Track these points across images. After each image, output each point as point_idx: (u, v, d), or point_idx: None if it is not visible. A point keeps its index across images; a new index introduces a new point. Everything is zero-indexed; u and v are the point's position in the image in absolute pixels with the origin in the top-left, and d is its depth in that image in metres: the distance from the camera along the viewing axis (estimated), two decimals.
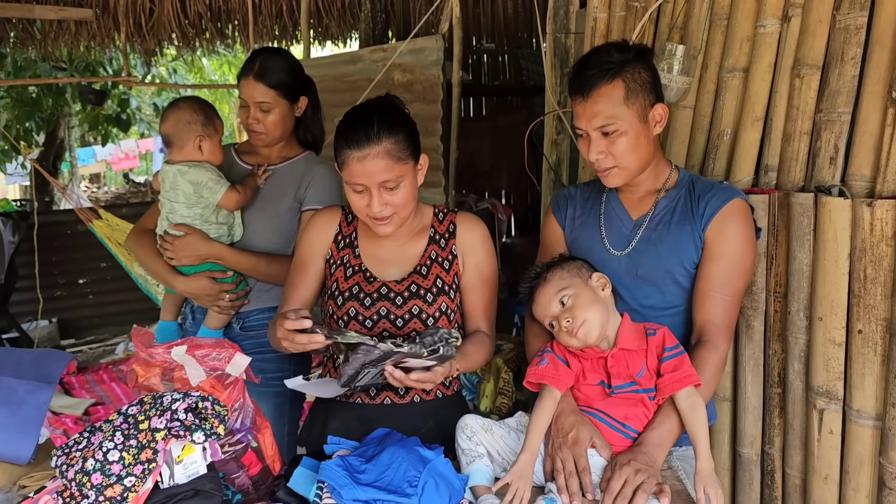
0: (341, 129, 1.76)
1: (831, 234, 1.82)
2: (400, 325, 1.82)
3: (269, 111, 2.27)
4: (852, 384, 1.82)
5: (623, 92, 1.73)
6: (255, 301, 2.33)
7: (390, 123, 1.73)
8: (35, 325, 6.01)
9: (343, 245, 1.92)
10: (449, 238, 1.89)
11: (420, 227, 1.91)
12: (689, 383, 1.58)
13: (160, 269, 2.30)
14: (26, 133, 7.79)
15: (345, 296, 1.85)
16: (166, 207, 2.25)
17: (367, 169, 1.71)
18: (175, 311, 2.45)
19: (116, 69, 7.89)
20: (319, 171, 2.33)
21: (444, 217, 1.92)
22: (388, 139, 1.71)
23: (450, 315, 1.85)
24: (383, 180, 1.72)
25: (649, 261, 1.82)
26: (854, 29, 1.89)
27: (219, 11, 5.51)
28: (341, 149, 1.74)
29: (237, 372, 1.60)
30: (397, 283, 1.84)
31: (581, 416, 1.63)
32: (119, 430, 1.38)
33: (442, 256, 1.87)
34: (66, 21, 5.28)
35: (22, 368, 1.59)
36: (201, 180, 2.19)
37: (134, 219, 5.09)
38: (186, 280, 2.26)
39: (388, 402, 1.85)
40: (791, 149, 2.01)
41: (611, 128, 1.74)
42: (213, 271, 2.25)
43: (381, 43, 5.38)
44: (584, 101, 1.76)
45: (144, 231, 2.39)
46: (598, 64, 1.74)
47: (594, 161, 1.79)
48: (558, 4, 2.86)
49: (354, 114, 1.78)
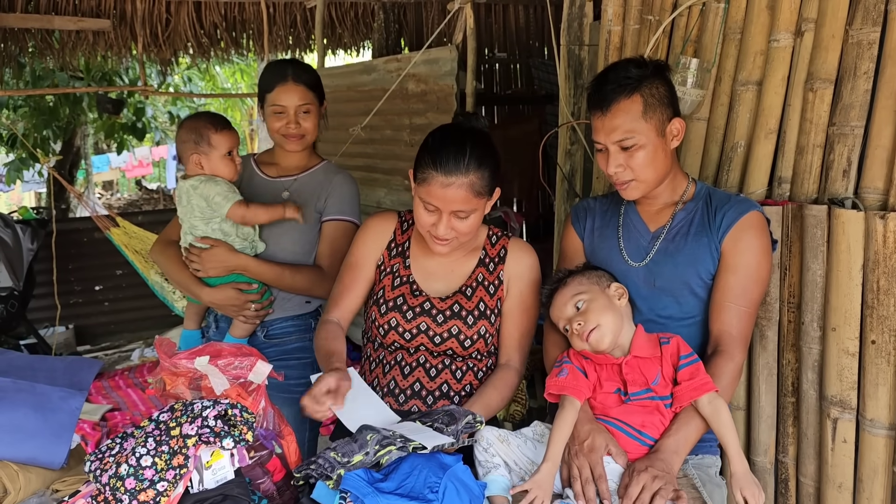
0: (431, 147, 1.77)
1: (845, 246, 1.85)
2: (438, 343, 1.86)
3: (310, 112, 2.32)
4: (866, 394, 1.84)
5: (641, 107, 1.76)
6: (279, 310, 2.36)
7: (480, 158, 1.75)
8: (52, 331, 6.08)
9: (395, 253, 1.95)
10: (498, 263, 1.92)
11: (472, 247, 1.94)
12: (706, 390, 1.61)
13: (186, 281, 2.33)
14: (44, 141, 7.88)
15: (388, 305, 1.89)
16: (187, 223, 2.29)
17: (447, 196, 1.73)
18: (198, 320, 2.49)
19: (132, 78, 7.99)
20: (339, 181, 2.37)
21: (497, 241, 1.95)
22: (475, 173, 1.74)
23: (487, 339, 1.89)
24: (457, 210, 1.75)
25: (667, 272, 1.85)
26: (867, 44, 1.92)
27: (234, 21, 5.58)
28: (427, 167, 1.75)
29: (259, 379, 1.64)
30: (441, 301, 1.87)
31: (597, 424, 1.66)
32: (151, 436, 1.42)
33: (489, 280, 1.90)
34: (84, 31, 5.35)
35: (55, 375, 1.63)
36: (209, 194, 2.22)
37: (149, 226, 5.18)
38: (212, 291, 2.29)
39: (415, 409, 1.88)
40: (804, 161, 2.04)
41: (629, 142, 1.78)
42: (239, 282, 2.28)
43: (394, 52, 5.44)
44: (602, 116, 1.79)
45: (169, 242, 2.43)
46: (616, 79, 1.78)
47: (613, 174, 1.83)
48: (572, 17, 2.90)
49: (449, 135, 1.80)
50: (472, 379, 1.90)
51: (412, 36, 5.80)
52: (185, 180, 2.28)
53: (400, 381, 1.89)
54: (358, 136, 4.12)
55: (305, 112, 2.31)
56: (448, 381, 1.88)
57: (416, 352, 1.89)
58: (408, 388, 1.88)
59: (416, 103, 4.07)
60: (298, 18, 5.68)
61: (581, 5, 2.88)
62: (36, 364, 1.68)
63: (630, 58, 1.93)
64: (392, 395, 1.88)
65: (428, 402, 1.87)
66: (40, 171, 9.10)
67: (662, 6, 2.43)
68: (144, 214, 9.19)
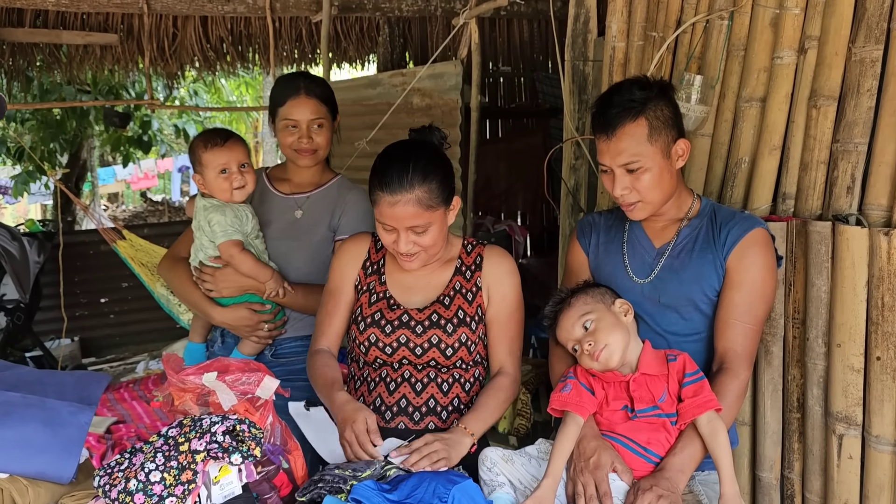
0: (377, 168, 1.79)
1: (849, 263, 1.86)
2: (419, 354, 1.85)
3: (323, 126, 2.28)
4: (871, 410, 1.84)
5: (647, 130, 1.77)
6: (289, 330, 2.34)
7: (424, 172, 1.75)
8: (58, 343, 6.10)
9: (371, 271, 1.96)
10: (475, 270, 1.92)
11: (448, 258, 1.94)
12: (709, 408, 1.62)
13: (197, 300, 2.30)
14: (50, 154, 7.93)
15: (367, 321, 1.90)
16: (198, 239, 2.26)
17: (396, 213, 1.75)
18: (204, 334, 2.46)
19: (139, 92, 8.04)
20: (352, 199, 2.33)
21: (473, 249, 1.96)
22: (420, 188, 1.74)
23: (470, 347, 1.88)
24: (412, 225, 1.76)
25: (672, 289, 1.86)
26: (870, 62, 1.93)
27: (240, 35, 5.61)
28: (374, 188, 1.78)
29: (267, 395, 1.65)
30: (419, 312, 1.88)
31: (603, 440, 1.66)
32: (160, 451, 1.43)
33: (466, 288, 1.91)
34: (92, 46, 5.39)
35: (64, 390, 1.64)
36: (212, 220, 2.19)
37: (155, 239, 5.20)
38: (225, 311, 2.26)
39: (402, 426, 1.86)
40: (808, 178, 2.05)
41: (635, 165, 1.78)
42: (252, 303, 2.25)
43: (399, 66, 5.47)
44: (608, 140, 1.80)
45: (178, 259, 2.39)
46: (621, 102, 1.78)
47: (619, 196, 1.83)
48: (576, 32, 2.92)
49: (392, 154, 1.81)
50: (459, 391, 1.89)
51: (417, 50, 5.83)
52: (201, 196, 2.25)
53: (386, 397, 1.88)
54: (363, 150, 4.14)
55: (318, 126, 2.28)
56: (434, 395, 1.87)
57: (399, 367, 1.88)
58: (394, 404, 1.87)
59: (420, 117, 4.09)
60: (304, 32, 5.71)
61: (585, 21, 2.90)
62: (45, 379, 1.69)
63: (634, 78, 1.92)
64: (378, 413, 1.86)
65: (415, 418, 1.86)
66: (47, 183, 9.15)
67: (666, 23, 2.45)
68: (150, 227, 9.24)
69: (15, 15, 4.88)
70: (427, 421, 1.86)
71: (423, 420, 1.86)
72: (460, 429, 1.73)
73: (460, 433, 1.72)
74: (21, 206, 14.09)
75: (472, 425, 1.76)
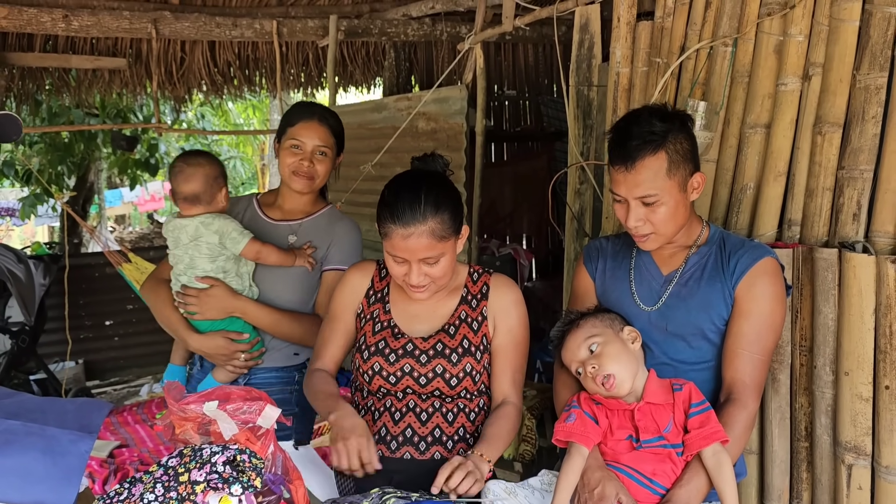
0: (387, 200, 1.77)
1: (856, 290, 1.84)
2: (423, 384, 1.83)
3: (326, 156, 2.29)
4: (881, 440, 1.82)
5: (666, 164, 1.73)
6: (266, 360, 2.31)
7: (436, 203, 1.74)
8: (62, 366, 6.09)
9: (374, 300, 1.95)
10: (481, 299, 1.91)
11: (453, 286, 1.93)
12: (716, 439, 1.60)
13: (174, 324, 2.28)
14: (58, 177, 7.98)
15: (370, 350, 1.88)
16: (184, 262, 2.24)
17: (409, 246, 1.74)
18: (185, 356, 2.43)
19: (147, 115, 8.10)
20: (342, 230, 2.33)
21: (479, 277, 1.94)
22: (433, 219, 1.73)
23: (475, 376, 1.86)
24: (424, 257, 1.75)
25: (679, 317, 1.84)
26: (874, 89, 1.93)
27: (247, 60, 5.66)
28: (386, 221, 1.76)
29: (268, 424, 1.63)
30: (423, 341, 1.86)
31: (607, 471, 1.64)
32: (160, 481, 1.42)
33: (472, 317, 1.89)
34: (101, 70, 5.45)
35: (65, 418, 1.63)
36: (226, 230, 2.20)
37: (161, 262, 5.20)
38: (201, 338, 2.25)
39: (407, 456, 1.84)
40: (814, 204, 2.05)
41: (652, 199, 1.75)
42: (229, 331, 2.23)
43: (405, 90, 5.51)
44: (626, 172, 1.76)
45: (161, 281, 2.37)
46: (640, 134, 1.74)
47: (633, 228, 1.81)
48: (581, 58, 2.93)
49: (401, 185, 1.80)
50: (464, 421, 1.87)
51: (422, 74, 5.87)
52: (186, 218, 2.23)
53: (391, 427, 1.85)
54: (368, 174, 4.16)
55: (321, 154, 2.28)
56: (440, 424, 1.85)
57: (404, 396, 1.86)
58: (399, 434, 1.84)
59: (426, 141, 4.11)
60: (310, 56, 5.75)
61: (590, 47, 2.91)
62: (46, 406, 1.68)
63: (653, 107, 1.85)
64: (383, 443, 1.84)
65: (420, 448, 1.84)
66: (54, 206, 9.20)
67: (670, 49, 2.46)
68: (156, 250, 9.23)
69: (25, 40, 4.94)
70: (433, 451, 1.84)
71: (429, 450, 1.84)
72: (477, 455, 1.70)
73: (478, 459, 1.69)
74: (28, 228, 14.18)
75: (488, 452, 1.72)
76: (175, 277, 2.28)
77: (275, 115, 12.48)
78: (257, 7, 5.13)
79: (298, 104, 2.38)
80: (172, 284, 2.30)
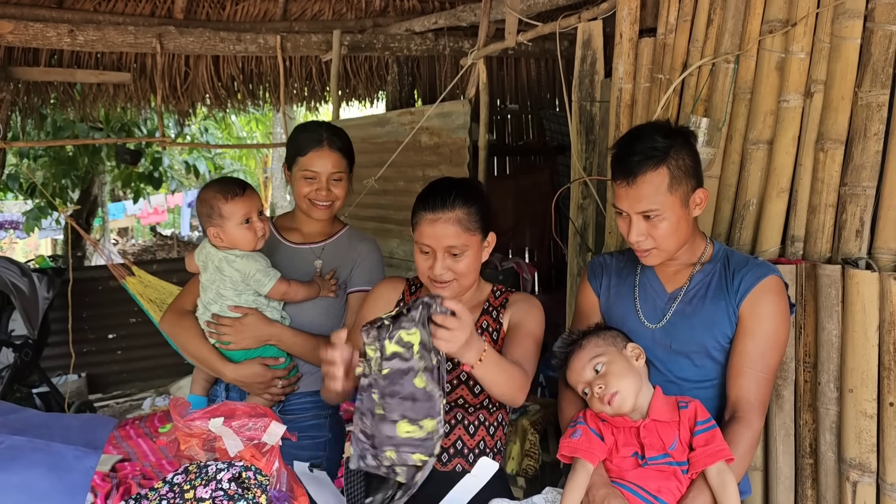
0: (422, 194, 1.86)
1: (860, 307, 1.84)
2: (447, 391, 1.85)
3: (341, 180, 2.24)
4: (885, 457, 1.82)
5: (668, 179, 1.75)
6: (301, 385, 2.26)
7: (466, 196, 1.82)
8: (65, 379, 6.09)
9: None
10: (500, 309, 1.95)
11: (477, 301, 1.97)
12: (721, 457, 1.60)
13: (207, 356, 2.18)
14: (62, 190, 8.02)
15: None
16: (211, 291, 2.16)
17: (436, 232, 1.79)
18: (207, 387, 2.31)
19: (150, 129, 8.14)
20: (364, 251, 2.31)
21: (501, 294, 1.98)
22: (461, 209, 1.80)
23: None
24: (449, 245, 1.80)
25: (683, 334, 1.84)
26: (876, 106, 1.94)
27: (251, 74, 5.70)
28: (417, 210, 1.84)
29: (273, 441, 1.64)
30: None
31: (612, 488, 1.64)
32: (165, 498, 1.42)
33: (493, 327, 1.92)
34: (105, 84, 5.49)
35: (70, 433, 1.63)
36: (249, 272, 2.12)
37: (164, 275, 5.21)
38: (237, 367, 2.16)
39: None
40: (817, 220, 2.05)
41: (654, 214, 1.76)
42: (265, 357, 2.17)
43: (408, 105, 5.53)
44: (627, 186, 1.77)
45: (184, 313, 2.26)
46: (643, 150, 1.75)
47: (635, 243, 1.82)
48: (583, 73, 2.95)
49: (437, 182, 1.90)
50: (484, 434, 1.89)
51: (425, 89, 5.90)
52: (216, 249, 2.14)
53: None
54: (372, 188, 4.17)
55: (337, 179, 2.23)
56: (462, 436, 1.87)
57: None
58: None
59: (429, 156, 4.12)
60: (314, 71, 5.79)
61: (592, 62, 2.93)
62: (51, 422, 1.68)
63: (656, 123, 1.87)
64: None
65: (443, 459, 1.86)
66: (58, 219, 9.23)
67: (672, 65, 2.47)
68: (160, 263, 9.27)
69: (31, 54, 4.98)
70: (455, 463, 1.87)
71: (451, 461, 1.87)
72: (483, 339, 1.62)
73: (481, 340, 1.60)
74: (32, 241, 14.20)
75: (491, 350, 1.62)
76: (204, 306, 2.19)
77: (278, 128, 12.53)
78: (261, 22, 5.17)
79: (301, 129, 2.29)
80: (200, 314, 2.21)
